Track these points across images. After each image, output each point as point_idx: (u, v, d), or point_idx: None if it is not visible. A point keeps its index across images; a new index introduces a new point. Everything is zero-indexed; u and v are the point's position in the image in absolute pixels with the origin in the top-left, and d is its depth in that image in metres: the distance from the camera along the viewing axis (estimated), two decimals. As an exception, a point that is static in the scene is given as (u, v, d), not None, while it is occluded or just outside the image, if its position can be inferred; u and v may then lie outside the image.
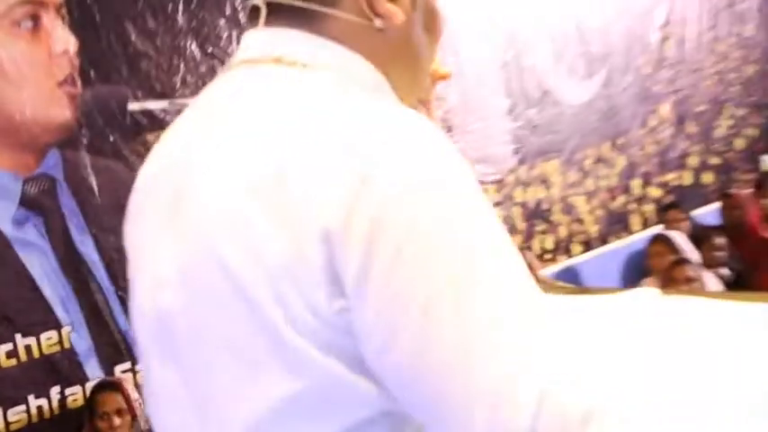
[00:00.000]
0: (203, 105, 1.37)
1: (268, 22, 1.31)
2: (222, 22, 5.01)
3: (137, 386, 4.47)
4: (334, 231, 1.10)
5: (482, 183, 6.14)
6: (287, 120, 1.21)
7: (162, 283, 1.30)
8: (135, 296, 1.38)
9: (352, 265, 1.11)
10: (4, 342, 4.39)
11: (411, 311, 1.11)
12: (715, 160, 8.26)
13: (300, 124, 1.19)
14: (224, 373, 1.24)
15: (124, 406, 4.32)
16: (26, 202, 4.51)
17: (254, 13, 1.31)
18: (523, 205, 6.80)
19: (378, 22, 1.29)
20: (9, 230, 4.45)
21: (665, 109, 7.89)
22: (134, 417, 4.30)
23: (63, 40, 4.54)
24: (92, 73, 4.65)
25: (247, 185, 1.18)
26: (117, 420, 4.33)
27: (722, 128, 8.42)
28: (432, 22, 1.37)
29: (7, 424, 4.37)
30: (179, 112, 4.69)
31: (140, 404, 4.36)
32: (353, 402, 1.22)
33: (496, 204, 6.50)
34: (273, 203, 1.16)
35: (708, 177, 8.18)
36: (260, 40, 1.32)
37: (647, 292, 1.90)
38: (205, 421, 1.28)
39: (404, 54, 1.36)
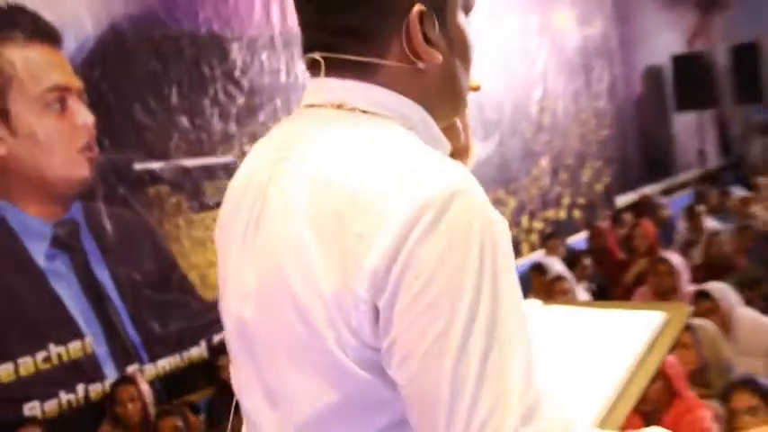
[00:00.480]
0: (277, 136, 1.28)
1: (327, 74, 1.20)
2: (207, 101, 4.99)
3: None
4: (380, 273, 1.04)
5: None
6: (347, 161, 1.12)
7: (245, 296, 1.23)
8: (225, 298, 1.30)
9: (392, 300, 1.05)
10: (40, 350, 4.35)
11: (440, 335, 1.04)
12: (581, 200, 8.32)
13: (357, 168, 1.11)
14: (287, 376, 1.18)
15: (136, 395, 4.29)
16: (55, 241, 4.47)
17: (314, 65, 1.21)
18: None
19: (421, 65, 1.19)
20: (43, 264, 4.40)
21: (544, 162, 7.92)
22: (144, 404, 4.27)
23: (83, 116, 4.52)
24: (105, 141, 4.62)
25: (309, 218, 1.11)
26: (130, 406, 4.30)
27: (586, 176, 8.48)
28: (464, 52, 1.25)
29: (44, 413, 4.34)
30: (173, 170, 4.76)
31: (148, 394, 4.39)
32: (381, 409, 1.16)
33: None
34: (329, 238, 1.09)
35: (577, 213, 8.24)
36: (323, 89, 1.21)
37: (532, 303, 1.84)
38: (274, 410, 1.22)
39: (446, 87, 1.25)
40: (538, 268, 6.43)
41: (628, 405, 1.50)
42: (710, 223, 7.42)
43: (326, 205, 1.09)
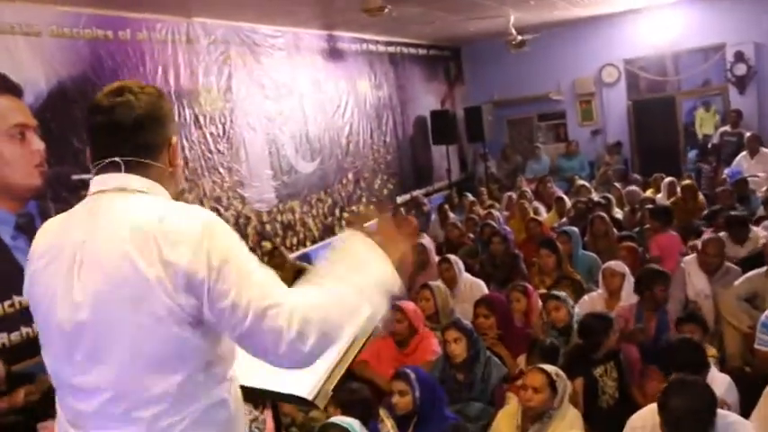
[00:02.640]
0: (75, 213, 1.36)
1: (108, 171, 1.32)
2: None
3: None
4: (193, 270, 1.22)
5: (259, 211, 6.43)
6: (143, 212, 1.28)
7: (77, 306, 1.26)
8: (51, 316, 1.29)
9: (206, 279, 1.23)
10: (7, 300, 4.24)
11: (234, 286, 1.24)
12: (374, 199, 8.25)
13: (151, 219, 1.26)
14: (123, 348, 1.25)
15: None
16: (18, 227, 4.36)
17: (106, 166, 1.32)
18: (282, 223, 6.59)
19: (170, 169, 1.38)
20: (9, 241, 4.31)
21: (350, 175, 7.86)
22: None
23: (37, 144, 4.44)
24: (52, 160, 4.52)
25: (133, 245, 1.24)
26: None
27: (377, 184, 8.45)
28: (178, 160, 1.40)
29: (10, 341, 4.21)
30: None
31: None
32: (193, 355, 1.27)
33: (267, 222, 6.39)
34: (148, 253, 1.23)
35: (371, 207, 7.91)
36: (110, 179, 1.32)
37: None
38: (106, 378, 1.27)
39: (175, 181, 1.41)
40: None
41: (346, 364, 1.44)
42: (451, 216, 7.55)
43: (142, 235, 1.24)
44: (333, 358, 1.42)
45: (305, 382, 1.41)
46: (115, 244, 1.24)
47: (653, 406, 2.35)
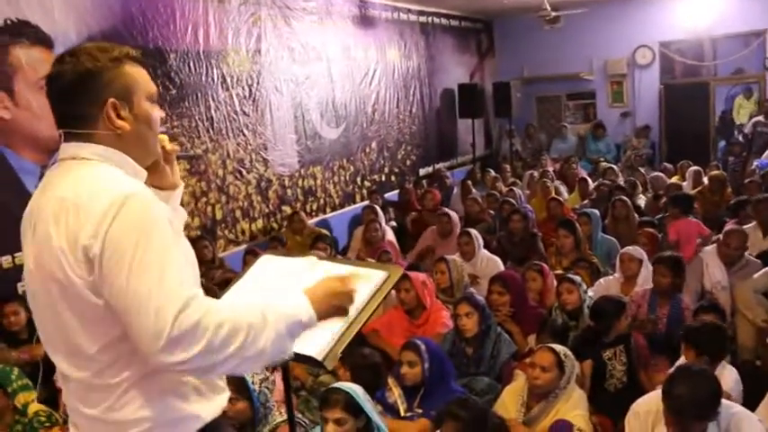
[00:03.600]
0: (45, 179, 1.40)
1: (68, 140, 1.35)
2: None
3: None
4: (89, 245, 1.22)
5: (281, 176, 6.48)
6: (73, 186, 1.28)
7: (29, 272, 1.35)
8: (25, 273, 1.37)
9: (98, 256, 1.22)
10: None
11: (123, 271, 1.21)
12: (396, 170, 8.27)
13: (77, 188, 1.27)
14: (58, 311, 1.30)
15: None
16: (42, 177, 4.39)
17: (63, 135, 1.36)
18: (303, 188, 6.58)
19: (118, 132, 1.34)
20: (32, 191, 4.30)
21: (374, 144, 7.84)
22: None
23: None
24: None
25: (53, 218, 1.27)
26: None
27: (401, 155, 8.42)
28: (148, 123, 1.38)
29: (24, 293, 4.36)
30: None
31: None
32: (113, 324, 1.27)
33: (288, 187, 6.39)
34: (63, 226, 1.25)
35: (393, 178, 8.19)
36: (66, 150, 1.35)
37: (310, 259, 1.64)
38: (56, 341, 1.34)
39: (136, 142, 1.37)
40: (370, 208, 6.42)
41: (356, 328, 1.46)
42: (473, 191, 7.46)
43: (61, 204, 1.26)
44: (344, 322, 1.44)
45: (316, 344, 1.44)
46: (45, 213, 1.29)
47: (658, 392, 2.36)
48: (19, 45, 4.20)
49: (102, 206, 1.23)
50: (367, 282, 1.52)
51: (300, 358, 1.46)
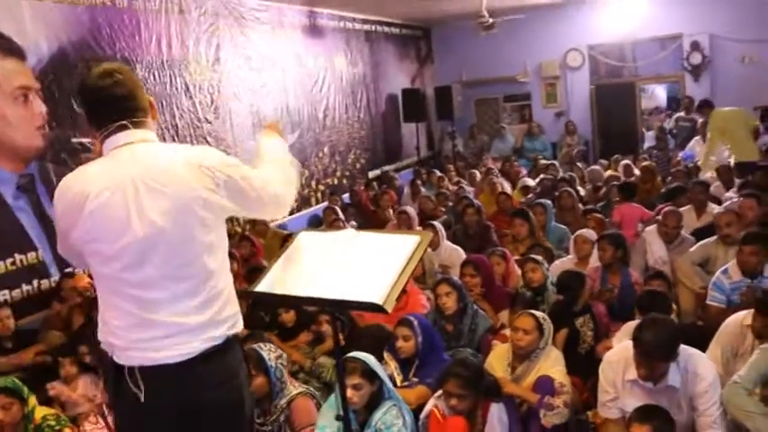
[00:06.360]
0: (115, 160, 1.75)
1: (122, 129, 1.76)
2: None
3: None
4: (218, 176, 1.75)
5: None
6: (173, 154, 1.78)
7: (152, 222, 1.68)
8: (127, 232, 1.67)
9: (221, 186, 1.76)
10: (9, 258, 4.34)
11: (248, 185, 1.81)
12: (347, 173, 8.48)
13: (181, 154, 1.77)
14: (194, 236, 1.72)
15: (73, 285, 4.11)
16: (19, 187, 4.43)
17: (120, 126, 1.76)
18: None
19: (155, 120, 1.86)
20: (10, 201, 4.38)
21: (326, 149, 8.04)
22: (86, 288, 3.90)
23: (39, 106, 4.50)
24: (53, 123, 4.60)
25: (186, 168, 1.73)
26: (72, 291, 4.25)
27: (351, 158, 8.64)
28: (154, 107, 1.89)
29: (12, 298, 4.34)
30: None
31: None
32: (222, 237, 1.81)
33: None
34: (197, 173, 1.74)
35: (345, 181, 8.34)
36: (133, 135, 1.77)
37: (348, 231, 1.99)
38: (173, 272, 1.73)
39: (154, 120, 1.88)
40: (331, 209, 6.62)
41: (404, 281, 1.75)
42: (423, 190, 7.83)
43: (184, 161, 1.75)
44: (396, 270, 1.74)
45: (375, 293, 1.70)
46: (169, 173, 1.71)
47: (626, 343, 2.73)
48: (-8, 57, 4.25)
49: (210, 150, 1.87)
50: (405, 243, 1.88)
51: (359, 305, 1.75)
